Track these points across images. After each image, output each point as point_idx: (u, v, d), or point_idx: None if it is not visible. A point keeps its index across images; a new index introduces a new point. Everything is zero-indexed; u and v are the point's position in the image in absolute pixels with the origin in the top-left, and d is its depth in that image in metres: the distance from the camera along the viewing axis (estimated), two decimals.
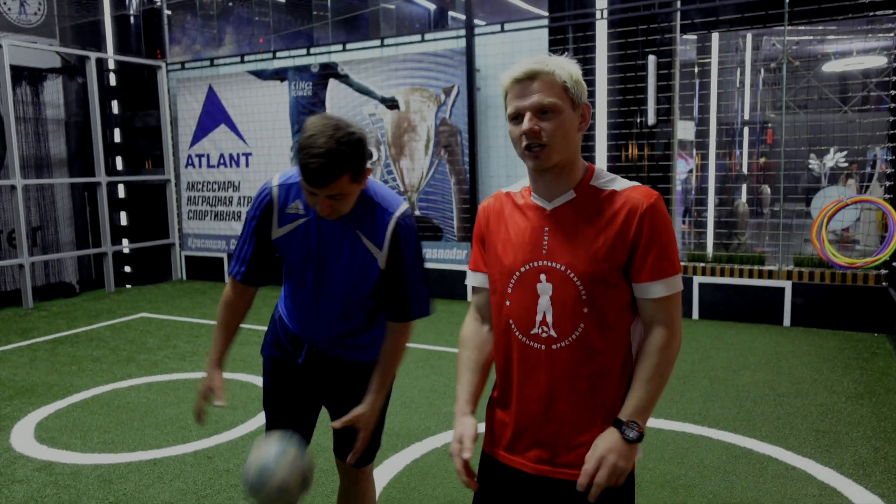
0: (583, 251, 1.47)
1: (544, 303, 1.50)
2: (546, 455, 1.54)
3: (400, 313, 2.01)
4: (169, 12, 9.33)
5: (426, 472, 3.37)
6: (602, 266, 1.46)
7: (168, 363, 5.29)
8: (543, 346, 1.50)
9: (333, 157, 1.69)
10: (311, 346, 2.11)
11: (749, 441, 3.65)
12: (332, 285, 1.99)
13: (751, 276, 6.27)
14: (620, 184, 1.51)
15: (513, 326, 1.55)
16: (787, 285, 6.07)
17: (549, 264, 1.50)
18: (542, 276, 1.51)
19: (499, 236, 1.59)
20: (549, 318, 1.50)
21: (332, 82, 7.90)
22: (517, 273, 1.54)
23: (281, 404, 2.18)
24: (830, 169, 9.52)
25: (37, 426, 4.05)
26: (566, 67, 1.47)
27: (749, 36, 10.06)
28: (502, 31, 7.02)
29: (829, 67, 10.40)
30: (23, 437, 3.89)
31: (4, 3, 8.16)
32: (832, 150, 9.33)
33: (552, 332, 1.49)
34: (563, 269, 1.49)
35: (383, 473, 3.34)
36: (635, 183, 1.52)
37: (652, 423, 3.92)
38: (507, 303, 1.55)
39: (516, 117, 1.47)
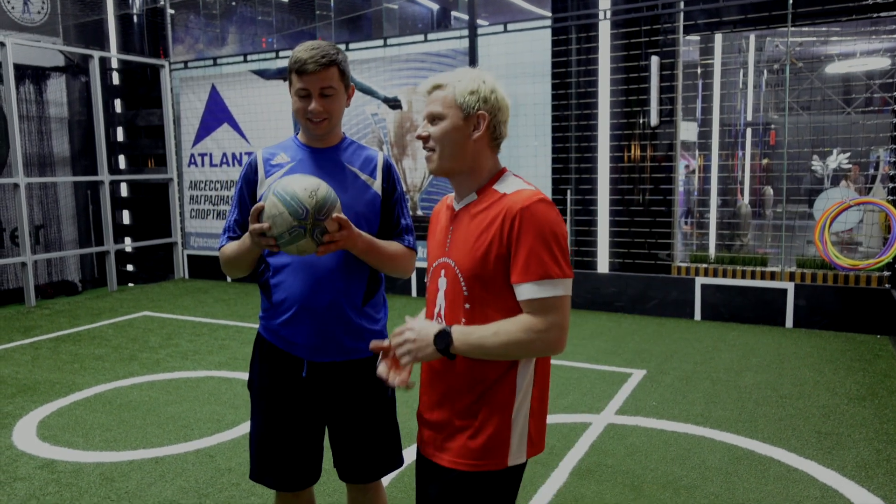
0: (467, 250, 1.58)
1: (440, 296, 1.65)
2: (433, 436, 1.67)
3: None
4: (172, 11, 9.33)
5: None
6: (479, 264, 1.55)
7: (170, 362, 5.29)
8: None
9: (324, 48, 1.93)
10: (310, 351, 2.02)
11: (751, 442, 3.65)
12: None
13: (753, 277, 6.26)
14: (512, 187, 1.58)
15: (426, 313, 1.74)
16: (790, 287, 6.07)
17: (447, 261, 1.64)
18: (443, 272, 1.65)
19: (431, 234, 1.77)
20: (443, 311, 1.64)
21: None
22: (431, 267, 1.71)
23: (285, 436, 2.07)
24: (833, 170, 9.51)
25: (39, 424, 4.05)
26: (464, 81, 1.59)
27: (752, 37, 10.04)
28: (505, 31, 7.02)
29: (833, 69, 10.39)
30: (25, 434, 3.90)
31: (8, 2, 8.18)
32: (835, 151, 9.32)
33: (443, 324, 1.62)
34: (453, 265, 1.61)
35: None
36: (527, 187, 1.58)
37: (654, 423, 3.92)
38: (427, 294, 1.74)
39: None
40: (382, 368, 1.68)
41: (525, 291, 1.50)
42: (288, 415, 2.06)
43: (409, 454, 3.55)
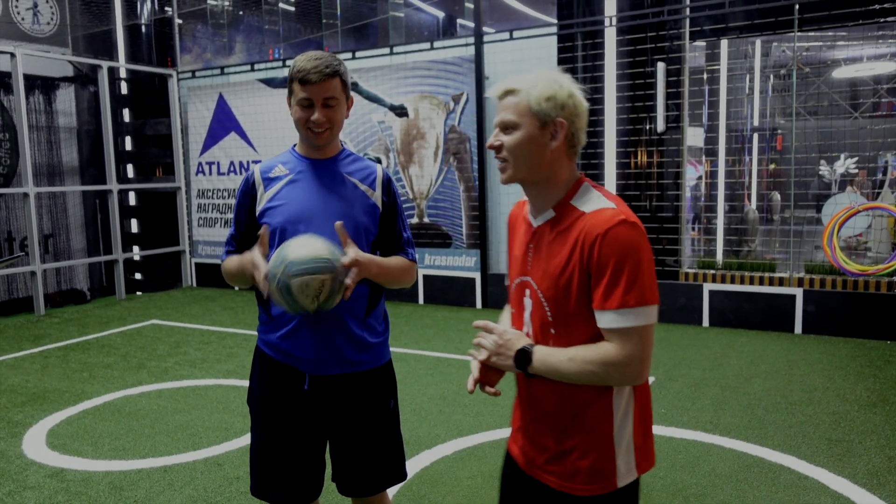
0: (548, 274, 1.51)
1: (527, 317, 1.59)
2: (536, 455, 1.61)
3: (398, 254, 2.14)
4: (180, 21, 9.40)
5: (436, 479, 3.36)
6: (561, 292, 1.48)
7: (178, 370, 5.31)
8: None
9: (327, 59, 1.95)
10: (312, 364, 2.01)
11: (761, 450, 3.62)
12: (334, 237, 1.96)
13: (762, 283, 6.24)
14: (592, 205, 1.49)
15: None
16: (799, 292, 6.04)
17: (529, 280, 1.57)
18: (527, 292, 1.58)
19: (512, 244, 1.69)
20: (531, 333, 1.58)
21: None
22: (513, 285, 1.65)
23: (286, 451, 2.06)
24: (841, 175, 9.47)
25: (48, 433, 4.07)
26: (539, 86, 1.49)
27: (758, 42, 10.04)
28: (511, 38, 7.04)
29: (840, 73, 10.36)
30: (35, 443, 3.91)
31: (18, 14, 8.26)
32: (842, 156, 9.28)
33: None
34: (535, 287, 1.55)
35: None
36: (608, 205, 1.48)
37: (663, 430, 3.90)
38: (512, 310, 1.68)
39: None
40: (475, 366, 1.62)
41: (604, 320, 1.44)
42: (289, 429, 2.05)
43: (417, 462, 3.55)
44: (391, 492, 3.21)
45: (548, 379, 1.52)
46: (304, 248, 1.79)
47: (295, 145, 2.11)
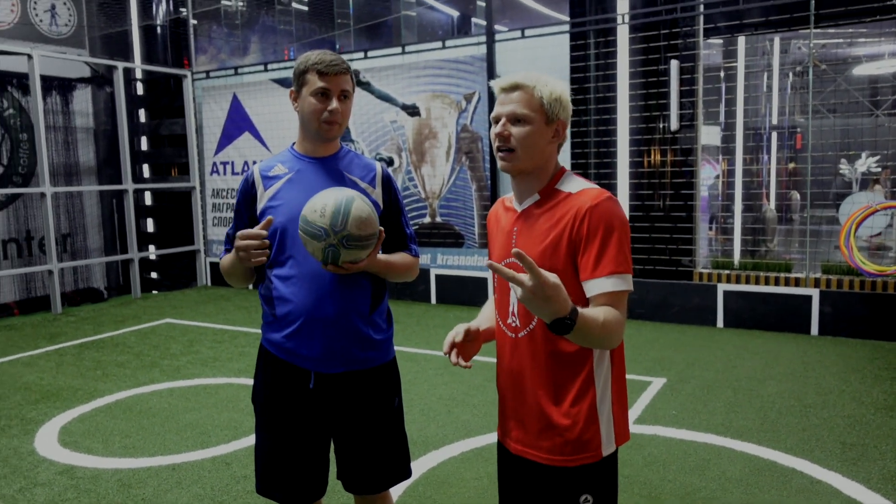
0: (536, 248, 1.60)
1: (512, 297, 1.67)
2: (522, 434, 1.68)
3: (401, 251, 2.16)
4: (195, 22, 9.46)
5: (442, 480, 3.35)
6: (548, 262, 1.56)
7: (190, 368, 5.34)
8: (512, 335, 1.68)
9: (339, 56, 2.03)
10: (317, 363, 2.01)
11: (773, 453, 3.57)
12: None
13: (777, 283, 6.15)
14: (577, 187, 1.61)
15: (497, 316, 1.76)
16: (815, 293, 5.95)
17: (514, 261, 1.60)
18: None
19: (492, 236, 1.79)
20: (515, 310, 1.67)
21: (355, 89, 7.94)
22: None
23: (291, 450, 2.06)
24: (862, 174, 9.33)
25: (61, 430, 4.11)
26: (549, 85, 1.61)
27: (777, 39, 9.91)
28: (523, 37, 7.00)
29: (860, 71, 10.19)
30: (47, 440, 3.95)
31: (36, 16, 8.36)
32: (864, 154, 9.13)
33: (518, 322, 1.67)
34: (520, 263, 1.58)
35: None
36: (592, 185, 1.61)
37: (673, 433, 3.85)
38: (495, 295, 1.78)
39: (497, 121, 1.65)
40: (460, 331, 1.71)
41: (598, 286, 1.53)
42: (294, 428, 2.05)
43: (424, 463, 3.54)
44: (397, 491, 3.21)
45: (531, 353, 1.63)
46: (305, 208, 1.85)
47: (293, 144, 2.11)
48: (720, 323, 6.34)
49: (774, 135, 10.87)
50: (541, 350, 1.62)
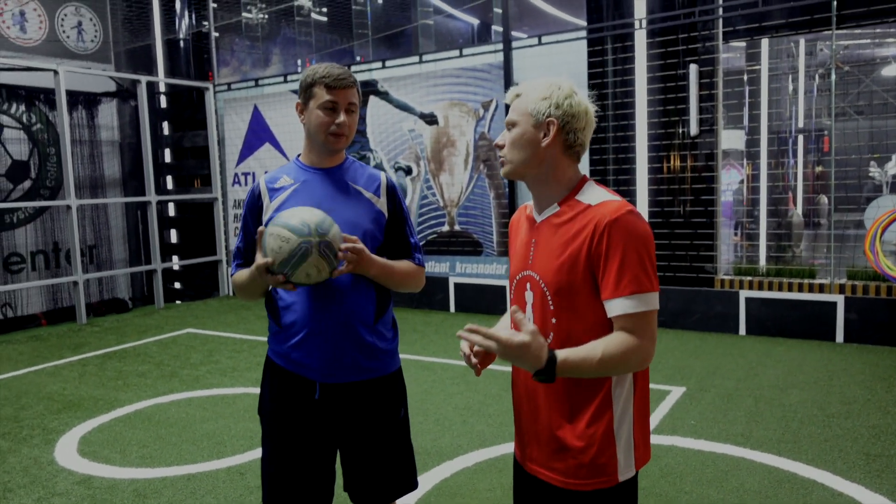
0: (553, 262, 1.54)
1: (529, 310, 1.62)
2: (537, 453, 1.63)
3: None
4: (216, 35, 9.60)
5: (454, 491, 3.32)
6: (565, 278, 1.51)
7: (209, 378, 5.39)
8: None
9: (347, 70, 2.04)
10: (322, 373, 2.01)
11: (794, 464, 3.49)
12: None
13: (801, 290, 6.02)
14: (597, 198, 1.54)
15: (512, 329, 1.67)
16: (840, 299, 5.81)
17: (531, 274, 1.61)
18: (528, 285, 1.62)
19: (512, 244, 1.75)
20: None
21: (373, 99, 7.99)
22: (514, 281, 1.69)
23: (298, 461, 2.05)
24: (893, 177, 9.10)
25: (80, 440, 4.16)
26: (539, 87, 1.58)
27: (802, 41, 9.75)
28: (540, 44, 6.98)
29: (889, 71, 9.98)
30: (66, 450, 4.01)
31: (63, 32, 8.55)
32: (894, 157, 8.92)
33: None
34: (538, 279, 1.57)
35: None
36: (612, 197, 1.53)
37: (691, 443, 3.79)
38: (512, 307, 1.70)
39: None
40: (467, 345, 1.67)
41: (618, 307, 1.46)
42: (300, 439, 2.05)
43: (437, 473, 3.51)
44: (409, 502, 3.19)
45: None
46: (296, 210, 1.87)
47: (299, 156, 2.12)
48: (742, 330, 6.23)
49: (801, 138, 10.68)
50: None
